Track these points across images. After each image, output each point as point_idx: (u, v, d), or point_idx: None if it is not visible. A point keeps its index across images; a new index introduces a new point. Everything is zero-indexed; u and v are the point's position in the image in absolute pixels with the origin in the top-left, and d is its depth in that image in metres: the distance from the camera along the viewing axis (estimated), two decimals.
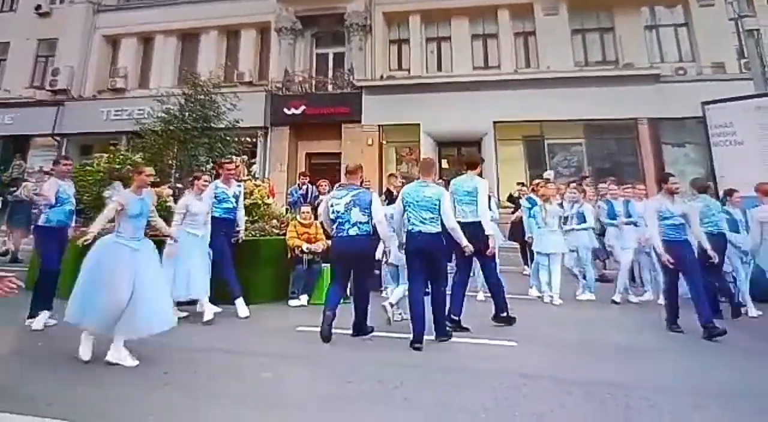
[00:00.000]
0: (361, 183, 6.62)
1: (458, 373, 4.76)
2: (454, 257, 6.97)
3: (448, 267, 6.46)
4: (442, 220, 5.90)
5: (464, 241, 5.95)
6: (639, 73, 16.21)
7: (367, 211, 6.02)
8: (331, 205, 6.15)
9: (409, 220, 6.03)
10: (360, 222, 5.98)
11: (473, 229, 6.27)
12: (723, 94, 12.57)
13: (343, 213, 6.01)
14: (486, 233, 6.33)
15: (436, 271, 5.93)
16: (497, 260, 7.39)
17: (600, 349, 5.70)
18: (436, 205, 5.90)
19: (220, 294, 7.04)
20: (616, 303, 8.26)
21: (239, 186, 7.81)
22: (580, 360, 5.26)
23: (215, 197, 7.28)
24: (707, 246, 6.62)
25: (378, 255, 7.11)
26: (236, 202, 7.60)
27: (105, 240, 5.04)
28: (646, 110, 15.85)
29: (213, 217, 7.23)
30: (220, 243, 7.21)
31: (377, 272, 8.90)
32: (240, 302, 7.09)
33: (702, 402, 4.12)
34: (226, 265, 7.13)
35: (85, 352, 4.82)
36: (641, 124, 16.05)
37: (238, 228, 7.68)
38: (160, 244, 5.61)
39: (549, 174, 12.65)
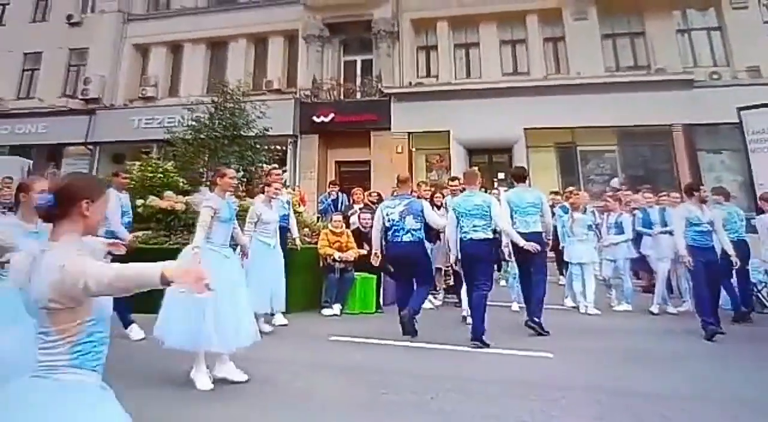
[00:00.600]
0: (411, 192, 6.82)
1: (494, 385, 4.71)
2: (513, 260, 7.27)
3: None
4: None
5: (521, 241, 6.32)
6: (672, 78, 15.93)
7: (419, 218, 6.44)
8: (386, 214, 6.48)
9: (461, 229, 6.33)
10: (413, 229, 6.41)
11: (536, 239, 6.54)
12: (759, 99, 12.30)
13: (398, 222, 6.44)
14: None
15: (484, 275, 6.25)
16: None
17: (637, 360, 5.62)
18: (486, 211, 6.25)
19: None
20: (653, 314, 8.16)
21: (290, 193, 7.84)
22: (617, 372, 5.21)
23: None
24: (731, 252, 6.76)
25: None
26: (288, 207, 7.61)
27: (189, 249, 4.67)
28: (680, 116, 15.58)
29: None
30: None
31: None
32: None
33: (740, 412, 4.08)
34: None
35: (204, 383, 4.47)
36: (675, 130, 15.77)
37: (294, 236, 7.80)
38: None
39: (615, 182, 12.44)
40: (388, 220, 6.52)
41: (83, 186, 1.95)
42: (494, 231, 6.33)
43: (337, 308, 8.06)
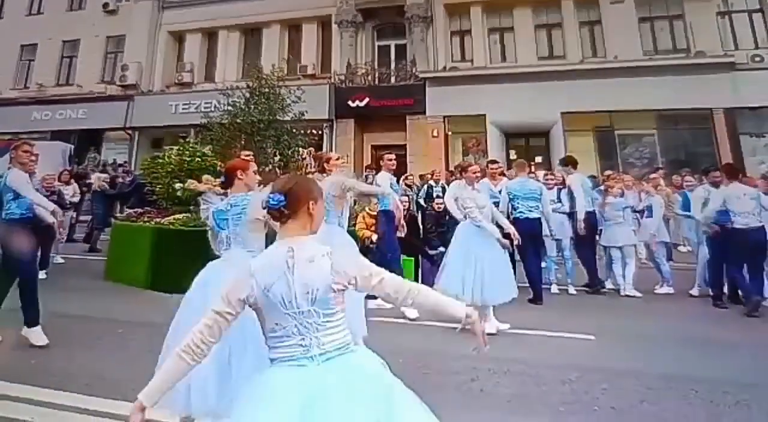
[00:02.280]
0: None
1: (535, 366, 4.73)
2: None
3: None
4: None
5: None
6: (712, 61, 15.70)
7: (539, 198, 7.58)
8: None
9: (516, 209, 7.50)
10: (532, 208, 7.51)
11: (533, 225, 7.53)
12: None
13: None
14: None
15: (538, 247, 7.69)
16: None
17: (679, 343, 5.59)
18: (538, 196, 7.53)
19: None
20: (693, 296, 8.11)
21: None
22: (659, 355, 5.20)
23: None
24: None
25: None
26: None
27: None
28: (722, 99, 15.36)
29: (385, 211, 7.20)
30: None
31: None
32: None
33: None
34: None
35: None
36: (716, 113, 15.55)
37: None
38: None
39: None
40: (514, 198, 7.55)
41: (310, 188, 2.09)
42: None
43: None
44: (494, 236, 5.96)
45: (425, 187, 12.35)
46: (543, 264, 9.33)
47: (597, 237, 8.68)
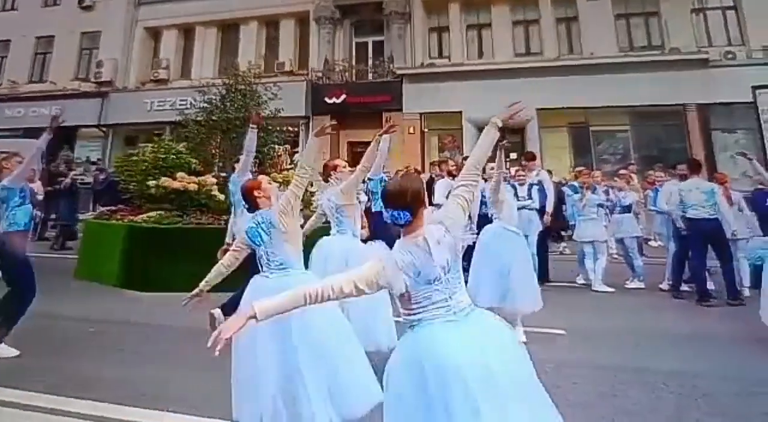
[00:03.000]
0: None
1: None
2: None
3: None
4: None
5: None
6: (686, 58, 15.80)
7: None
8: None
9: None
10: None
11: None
12: None
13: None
14: None
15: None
16: None
17: (649, 337, 5.66)
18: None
19: None
20: (663, 290, 8.17)
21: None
22: (629, 349, 5.26)
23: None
24: None
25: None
26: None
27: None
28: (695, 96, 15.49)
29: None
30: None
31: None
32: None
33: (754, 389, 4.11)
34: None
35: None
36: (689, 110, 15.69)
37: None
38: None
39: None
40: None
41: (419, 188, 2.31)
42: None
43: None
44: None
45: None
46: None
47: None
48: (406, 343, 2.22)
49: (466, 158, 9.33)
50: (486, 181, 6.80)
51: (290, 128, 15.04)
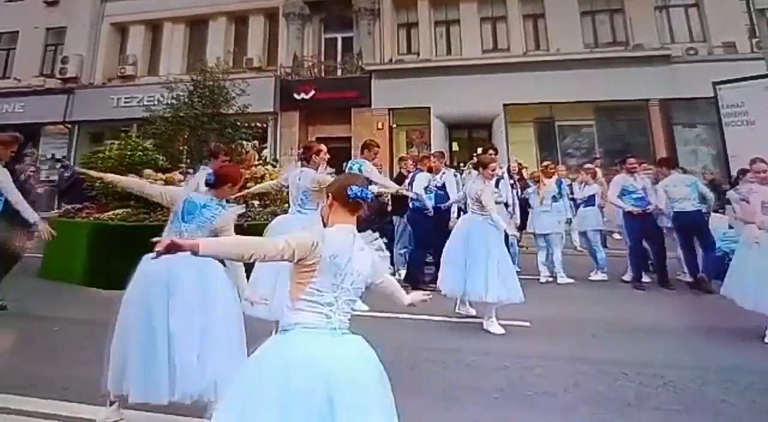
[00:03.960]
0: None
1: (471, 354, 4.77)
2: None
3: None
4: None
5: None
6: (649, 54, 16.09)
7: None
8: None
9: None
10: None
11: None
12: (735, 74, 12.40)
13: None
14: None
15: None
16: None
17: (611, 328, 5.76)
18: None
19: None
20: (626, 282, 8.31)
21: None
22: (591, 339, 5.34)
23: None
24: None
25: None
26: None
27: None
28: (657, 91, 15.76)
29: None
30: None
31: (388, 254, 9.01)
32: None
33: (711, 377, 4.21)
34: None
35: None
36: (652, 105, 15.99)
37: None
38: None
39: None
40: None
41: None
42: None
43: None
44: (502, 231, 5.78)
45: None
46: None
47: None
48: (276, 342, 2.11)
49: (440, 153, 9.44)
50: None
51: (259, 124, 14.95)
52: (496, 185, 8.53)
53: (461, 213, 7.59)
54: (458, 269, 5.73)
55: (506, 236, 6.01)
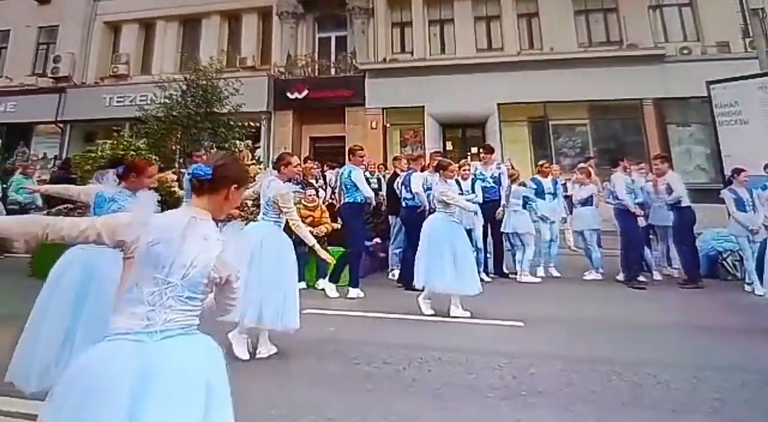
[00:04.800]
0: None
1: (465, 354, 4.76)
2: None
3: None
4: None
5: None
6: (643, 54, 16.12)
7: None
8: None
9: None
10: None
11: None
12: (728, 74, 12.41)
13: None
14: None
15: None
16: None
17: (605, 327, 5.77)
18: None
19: None
20: (619, 281, 8.31)
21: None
22: (586, 339, 5.32)
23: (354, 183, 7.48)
24: None
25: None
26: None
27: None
28: (651, 90, 15.78)
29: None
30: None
31: (382, 254, 9.03)
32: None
33: (704, 375, 4.20)
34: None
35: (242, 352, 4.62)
36: (646, 104, 16.01)
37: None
38: None
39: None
40: None
41: (239, 171, 2.13)
42: None
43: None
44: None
45: None
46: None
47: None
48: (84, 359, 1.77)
49: (437, 152, 9.46)
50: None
51: (252, 123, 14.93)
52: (472, 186, 8.54)
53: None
54: (423, 264, 6.21)
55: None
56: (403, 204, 8.09)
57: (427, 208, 7.64)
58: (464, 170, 8.10)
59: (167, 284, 1.79)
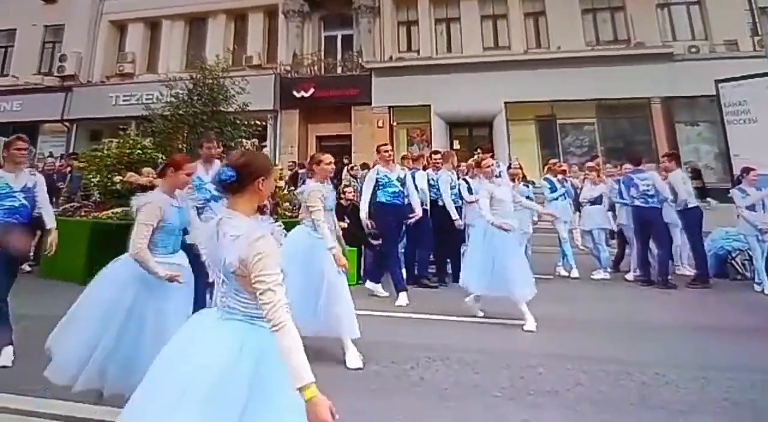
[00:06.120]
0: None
1: (473, 353, 4.71)
2: None
3: None
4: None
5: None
6: (651, 52, 16.08)
7: None
8: None
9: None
10: None
11: None
12: (736, 72, 12.37)
13: None
14: None
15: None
16: None
17: (614, 327, 5.70)
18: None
19: None
20: (628, 281, 8.26)
21: (402, 169, 7.43)
22: (595, 339, 5.26)
23: (377, 181, 7.00)
24: None
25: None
26: (402, 185, 7.13)
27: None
28: (659, 89, 15.72)
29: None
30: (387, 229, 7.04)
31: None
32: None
33: (712, 375, 4.15)
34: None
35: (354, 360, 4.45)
36: (654, 103, 15.96)
37: (411, 215, 7.27)
38: None
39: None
40: None
41: (264, 165, 2.18)
42: None
43: None
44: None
45: None
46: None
47: None
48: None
49: (435, 152, 9.38)
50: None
51: (258, 122, 14.90)
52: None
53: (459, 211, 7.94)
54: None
55: None
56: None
57: (429, 205, 7.68)
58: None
59: (221, 279, 2.05)
